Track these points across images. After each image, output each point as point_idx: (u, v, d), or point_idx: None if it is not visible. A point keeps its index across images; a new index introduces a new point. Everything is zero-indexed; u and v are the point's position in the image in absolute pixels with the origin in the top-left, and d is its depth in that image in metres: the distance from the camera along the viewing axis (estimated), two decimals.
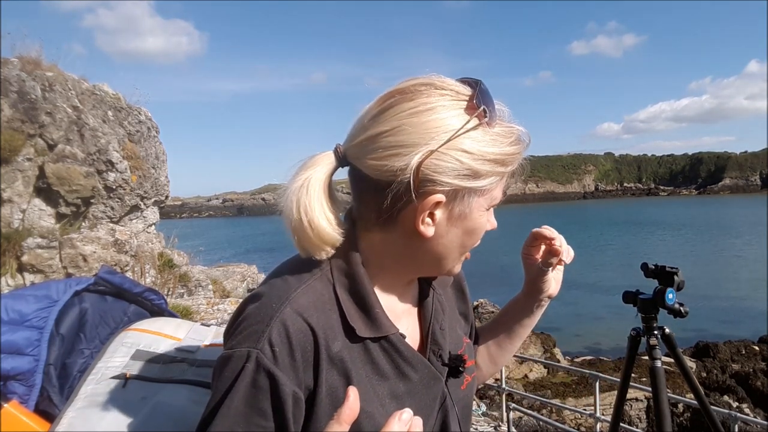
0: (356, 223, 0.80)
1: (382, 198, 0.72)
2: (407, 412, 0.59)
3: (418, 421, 0.60)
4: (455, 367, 0.85)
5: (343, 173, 0.80)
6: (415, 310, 0.88)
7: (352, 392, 0.60)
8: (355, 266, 0.77)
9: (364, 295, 0.76)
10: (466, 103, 0.72)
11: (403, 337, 0.79)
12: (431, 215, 0.74)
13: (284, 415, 0.67)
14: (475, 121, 0.71)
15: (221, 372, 0.69)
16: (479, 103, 0.71)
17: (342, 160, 0.76)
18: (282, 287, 0.74)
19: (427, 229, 0.75)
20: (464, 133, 0.70)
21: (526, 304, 1.01)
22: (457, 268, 0.83)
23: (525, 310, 1.02)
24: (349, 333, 0.74)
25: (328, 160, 0.76)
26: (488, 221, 0.80)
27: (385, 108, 0.73)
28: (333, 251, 0.76)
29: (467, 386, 0.89)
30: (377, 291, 0.80)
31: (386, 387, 0.76)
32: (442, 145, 0.70)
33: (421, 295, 0.89)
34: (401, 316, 0.84)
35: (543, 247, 0.95)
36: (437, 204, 0.73)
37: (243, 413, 0.66)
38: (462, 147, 0.70)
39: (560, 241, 0.92)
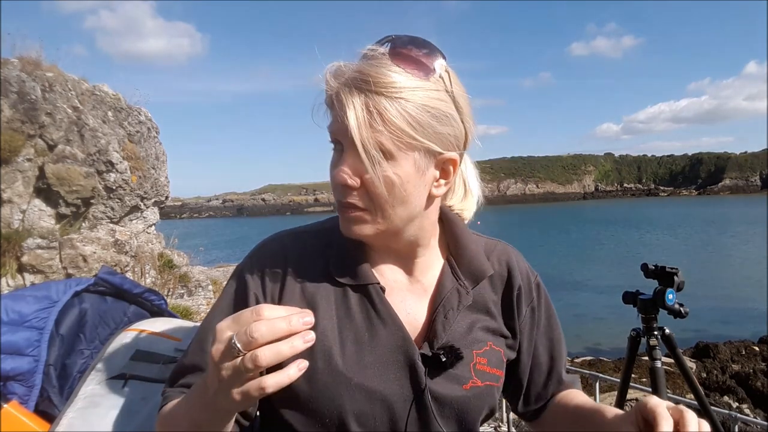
0: None
1: None
2: (309, 315, 0.60)
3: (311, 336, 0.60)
4: (437, 356, 0.78)
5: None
6: (428, 297, 0.85)
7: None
8: None
9: (350, 247, 0.82)
10: None
11: (383, 290, 0.81)
12: None
13: None
14: None
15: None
16: None
17: None
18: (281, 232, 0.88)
19: None
20: None
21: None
22: (343, 227, 0.79)
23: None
24: (330, 278, 0.81)
25: None
26: (336, 163, 0.76)
27: None
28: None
29: (471, 388, 0.82)
30: (373, 254, 0.84)
31: (352, 332, 0.79)
32: None
33: (441, 283, 0.86)
34: (408, 294, 0.84)
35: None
36: None
37: (226, 313, 0.74)
38: None
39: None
